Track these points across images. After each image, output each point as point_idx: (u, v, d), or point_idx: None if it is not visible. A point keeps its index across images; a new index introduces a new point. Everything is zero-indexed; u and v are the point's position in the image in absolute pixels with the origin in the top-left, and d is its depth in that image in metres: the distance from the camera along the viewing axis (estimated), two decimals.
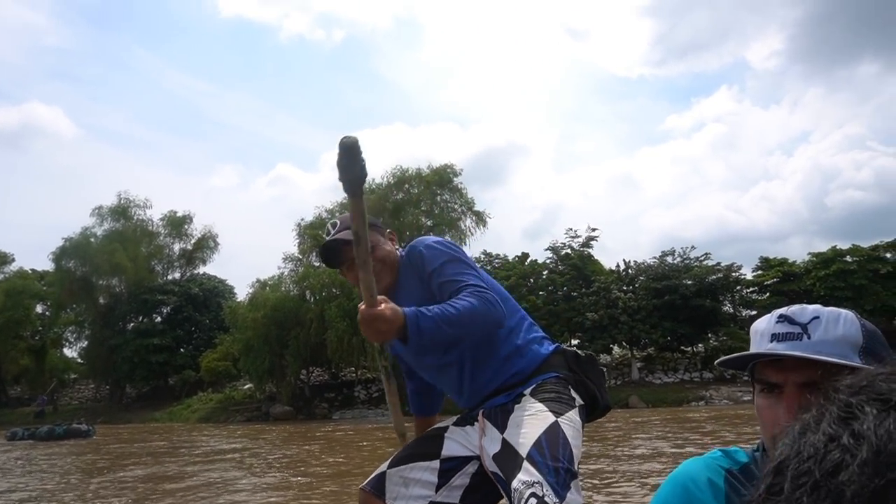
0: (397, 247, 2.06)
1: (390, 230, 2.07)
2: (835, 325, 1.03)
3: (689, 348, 28.11)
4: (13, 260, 45.15)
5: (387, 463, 1.91)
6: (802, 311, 1.05)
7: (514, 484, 1.57)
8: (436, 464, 1.85)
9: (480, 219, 30.08)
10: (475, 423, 1.89)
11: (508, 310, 1.93)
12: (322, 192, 78.45)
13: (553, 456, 1.60)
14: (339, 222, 1.97)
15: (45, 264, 40.43)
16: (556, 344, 2.00)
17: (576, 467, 1.64)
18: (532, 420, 1.72)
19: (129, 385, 37.74)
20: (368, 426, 20.53)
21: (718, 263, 27.59)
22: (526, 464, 1.60)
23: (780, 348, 1.03)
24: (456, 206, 30.26)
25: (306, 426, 22.93)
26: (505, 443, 1.73)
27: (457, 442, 1.91)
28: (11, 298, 37.67)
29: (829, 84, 78.45)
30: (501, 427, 1.78)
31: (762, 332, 1.08)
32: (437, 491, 1.82)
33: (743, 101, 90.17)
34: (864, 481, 0.28)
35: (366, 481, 1.90)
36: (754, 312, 28.36)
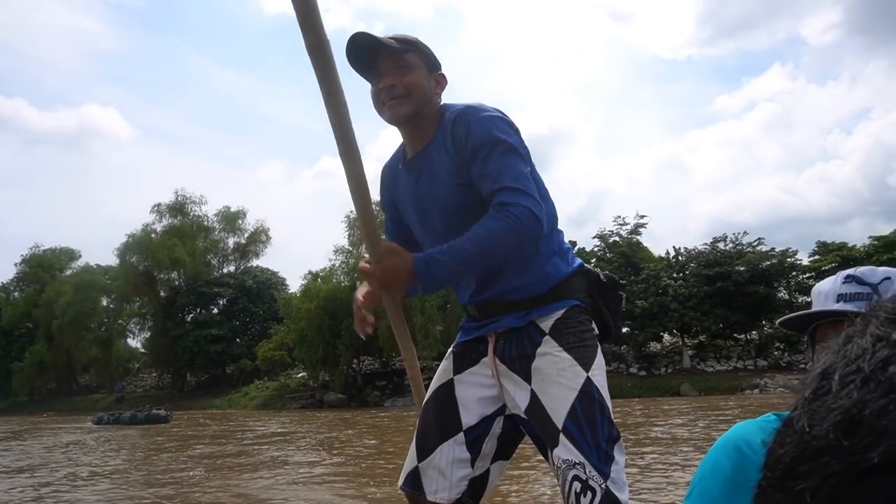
0: (440, 95, 1.72)
1: (442, 73, 1.73)
2: None
3: (742, 336, 27.56)
4: (80, 256, 47.84)
5: (414, 454, 1.73)
6: (873, 271, 1.03)
7: (555, 458, 1.49)
8: (461, 437, 1.68)
9: None
10: (481, 360, 1.71)
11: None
12: (370, 183, 79.60)
13: (591, 428, 1.48)
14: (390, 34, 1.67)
15: (108, 259, 42.60)
16: (580, 261, 1.76)
17: (614, 424, 1.54)
18: (561, 379, 1.55)
19: (190, 373, 39.43)
20: (410, 413, 21.01)
21: (773, 249, 26.93)
22: (563, 438, 1.49)
23: (849, 308, 0.98)
24: None
25: (355, 413, 23.61)
26: (534, 398, 1.58)
27: (471, 399, 1.70)
28: (81, 292, 39.93)
29: (893, 56, 74.84)
30: (525, 377, 1.61)
31: (827, 292, 1.05)
32: (473, 466, 1.67)
33: (797, 78, 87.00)
34: None
35: (402, 480, 1.74)
36: (811, 299, 27.53)
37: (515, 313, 1.66)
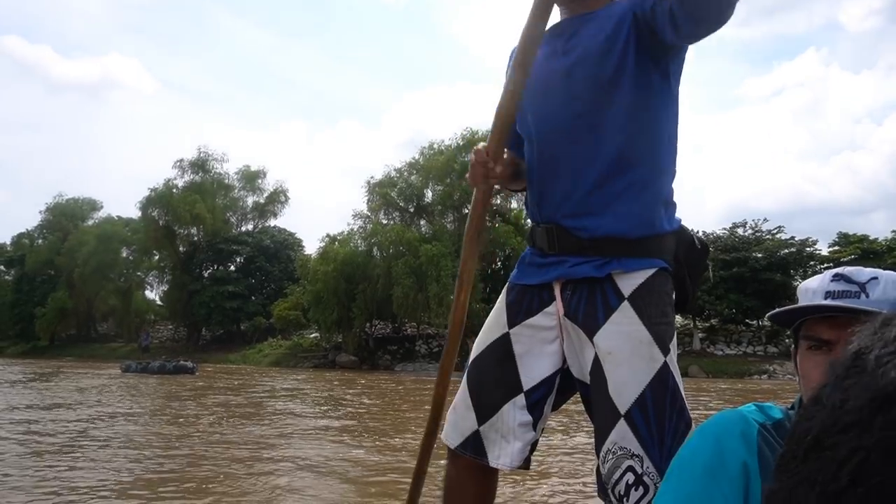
0: None
1: None
2: (894, 287, 1.01)
3: (754, 322, 27.65)
4: (102, 206, 48.59)
5: (472, 415, 1.54)
6: (860, 271, 1.04)
7: (608, 441, 1.37)
8: (521, 399, 1.50)
9: None
10: (542, 311, 1.51)
11: (672, 150, 1.54)
12: (385, 149, 79.71)
13: (659, 421, 1.34)
14: None
15: (127, 211, 43.13)
16: (679, 220, 1.56)
17: (684, 413, 1.39)
18: (634, 360, 1.37)
19: (205, 328, 40.30)
20: (409, 377, 21.50)
21: (792, 237, 26.82)
22: (625, 424, 1.35)
23: (837, 305, 1.00)
24: None
25: (363, 374, 24.18)
26: (598, 367, 1.41)
27: (531, 356, 1.51)
28: (103, 243, 40.75)
29: None
30: (590, 334, 1.43)
31: (815, 290, 1.06)
32: (535, 429, 1.53)
33: (831, 64, 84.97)
34: None
35: (458, 442, 1.56)
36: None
37: (594, 259, 1.44)
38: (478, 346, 1.60)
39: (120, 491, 4.81)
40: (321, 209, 78.30)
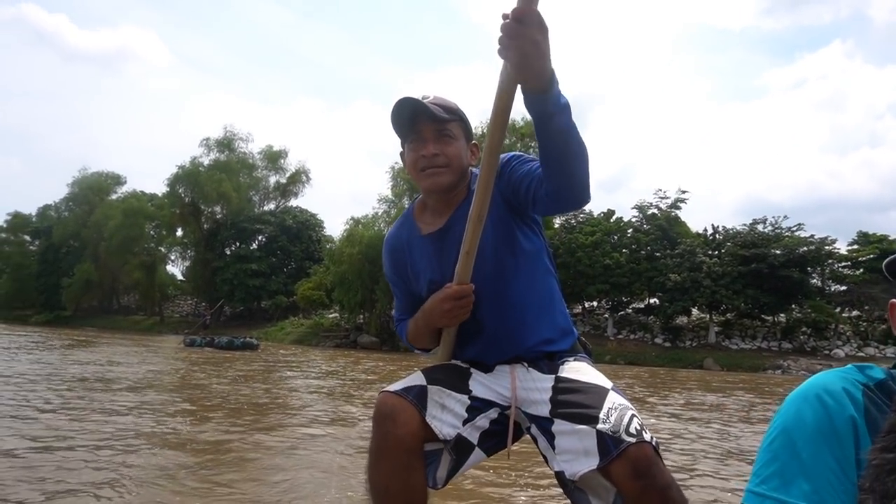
0: (475, 164, 1.75)
1: (475, 143, 1.78)
2: None
3: (769, 317, 28.09)
4: (126, 181, 49.45)
5: (423, 377, 1.68)
6: None
7: (607, 403, 1.52)
8: (466, 399, 1.67)
9: None
10: (496, 369, 1.75)
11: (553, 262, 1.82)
12: None
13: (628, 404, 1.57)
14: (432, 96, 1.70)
15: (148, 185, 43.74)
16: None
17: None
18: (597, 372, 1.67)
19: (227, 304, 41.22)
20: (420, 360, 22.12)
21: (812, 235, 27.15)
22: (615, 394, 1.56)
23: None
24: None
25: (382, 355, 24.91)
26: (564, 380, 1.64)
27: (481, 384, 1.72)
28: (129, 218, 41.63)
29: None
30: (549, 371, 1.69)
31: None
32: (463, 425, 1.66)
33: (855, 57, 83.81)
34: None
35: (402, 388, 1.64)
36: (844, 288, 27.81)
37: (547, 361, 1.75)
38: (439, 361, 1.80)
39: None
40: (336, 187, 78.83)
